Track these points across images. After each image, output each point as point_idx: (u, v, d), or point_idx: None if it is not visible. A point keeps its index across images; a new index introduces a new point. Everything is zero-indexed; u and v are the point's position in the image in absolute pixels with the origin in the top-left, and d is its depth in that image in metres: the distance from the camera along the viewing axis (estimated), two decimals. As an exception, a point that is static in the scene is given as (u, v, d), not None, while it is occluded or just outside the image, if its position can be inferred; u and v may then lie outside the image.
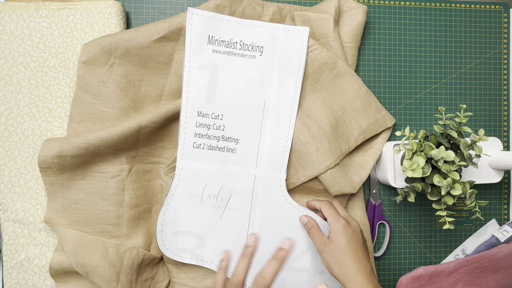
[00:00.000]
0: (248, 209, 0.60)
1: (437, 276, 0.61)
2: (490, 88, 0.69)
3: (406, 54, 0.67)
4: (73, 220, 0.57)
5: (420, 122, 0.68)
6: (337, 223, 0.54)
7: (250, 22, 0.60)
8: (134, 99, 0.59)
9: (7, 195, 0.58)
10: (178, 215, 0.59)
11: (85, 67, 0.58)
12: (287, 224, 0.60)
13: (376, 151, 0.64)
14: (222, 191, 0.60)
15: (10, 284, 0.58)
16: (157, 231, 0.58)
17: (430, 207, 0.68)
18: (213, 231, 0.59)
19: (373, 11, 0.67)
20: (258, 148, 0.60)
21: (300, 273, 0.60)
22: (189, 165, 0.59)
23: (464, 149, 0.55)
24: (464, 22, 0.69)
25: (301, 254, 0.60)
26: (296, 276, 0.60)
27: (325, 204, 0.57)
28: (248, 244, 0.48)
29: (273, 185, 0.60)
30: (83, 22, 0.59)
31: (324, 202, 0.58)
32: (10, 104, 0.59)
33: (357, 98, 0.62)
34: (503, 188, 0.69)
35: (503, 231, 0.64)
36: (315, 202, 0.59)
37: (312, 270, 0.60)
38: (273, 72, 0.60)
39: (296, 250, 0.60)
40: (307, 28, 0.60)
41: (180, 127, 0.59)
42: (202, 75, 0.59)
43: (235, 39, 0.60)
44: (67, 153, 0.54)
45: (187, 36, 0.58)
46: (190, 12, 0.58)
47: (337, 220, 0.54)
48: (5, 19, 0.58)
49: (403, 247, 0.67)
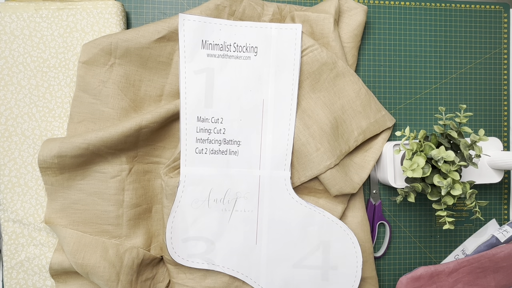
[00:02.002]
0: (255, 210, 0.60)
1: (437, 276, 0.61)
2: (490, 88, 0.69)
3: (406, 54, 0.67)
4: (73, 220, 0.57)
5: (420, 122, 0.68)
6: None
7: (242, 23, 0.60)
8: (134, 99, 0.60)
9: (7, 195, 0.58)
10: (186, 221, 0.59)
11: (85, 67, 0.58)
12: (296, 222, 0.60)
13: (376, 151, 0.64)
14: (228, 194, 0.60)
15: (10, 284, 0.58)
16: (166, 239, 0.58)
17: (430, 207, 0.68)
18: (222, 234, 0.59)
19: (373, 11, 0.67)
20: (260, 149, 0.60)
21: (313, 270, 0.60)
22: (193, 171, 0.59)
23: (464, 149, 0.55)
24: (464, 22, 0.69)
25: (312, 252, 0.60)
26: (308, 274, 0.60)
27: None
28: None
29: (278, 184, 0.60)
30: (83, 22, 0.59)
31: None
32: (10, 104, 0.59)
33: (357, 98, 0.62)
34: (503, 188, 0.69)
35: (503, 231, 0.64)
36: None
37: (325, 267, 0.60)
38: (269, 71, 0.60)
39: (307, 248, 0.60)
40: (300, 25, 0.60)
41: (181, 134, 0.59)
42: (199, 80, 0.59)
43: (229, 42, 0.60)
44: (67, 153, 0.54)
45: (180, 42, 0.58)
46: (182, 18, 0.58)
47: None
48: (5, 19, 0.58)
49: (403, 247, 0.67)
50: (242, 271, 0.59)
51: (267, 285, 0.60)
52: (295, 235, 0.60)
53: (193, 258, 0.59)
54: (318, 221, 0.61)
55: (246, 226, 0.60)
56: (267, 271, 0.60)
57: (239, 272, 0.59)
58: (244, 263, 0.59)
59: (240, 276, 0.59)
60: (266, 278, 0.60)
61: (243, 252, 0.60)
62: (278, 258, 0.60)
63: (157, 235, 0.61)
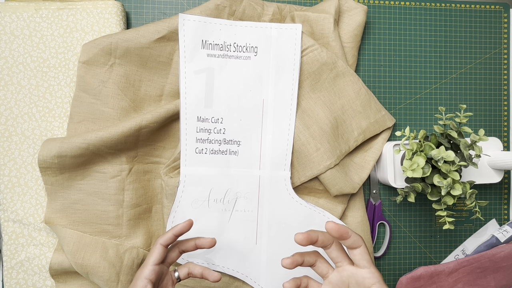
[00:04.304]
0: (255, 210, 0.60)
1: (437, 276, 0.61)
2: (490, 88, 0.69)
3: (406, 54, 0.67)
4: (73, 220, 0.57)
5: (420, 122, 0.68)
6: (379, 275, 0.44)
7: (243, 23, 0.60)
8: (134, 99, 0.60)
9: (7, 195, 0.58)
10: None
11: (85, 67, 0.58)
12: (296, 222, 0.60)
13: (376, 151, 0.64)
14: (228, 194, 0.60)
15: (10, 284, 0.58)
16: None
17: (430, 207, 0.68)
18: (222, 234, 0.59)
19: (373, 11, 0.67)
20: (260, 149, 0.60)
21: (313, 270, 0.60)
22: (193, 171, 0.59)
23: (464, 149, 0.55)
24: (464, 22, 0.69)
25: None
26: (308, 274, 0.60)
27: (364, 247, 0.44)
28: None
29: (278, 184, 0.60)
30: (83, 22, 0.59)
31: (362, 241, 0.44)
32: (10, 104, 0.59)
33: (357, 98, 0.62)
34: (503, 188, 0.69)
35: (503, 231, 0.64)
36: (353, 235, 0.43)
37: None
38: (269, 71, 0.60)
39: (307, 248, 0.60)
40: (300, 25, 0.60)
41: (181, 134, 0.59)
42: (199, 80, 0.59)
43: (229, 42, 0.60)
44: (67, 153, 0.54)
45: (180, 43, 0.58)
46: (182, 18, 0.58)
47: (379, 273, 0.44)
48: (5, 19, 0.58)
49: (403, 247, 0.67)
50: (242, 271, 0.59)
51: (267, 285, 0.60)
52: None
53: (192, 258, 0.59)
54: (318, 221, 0.61)
55: (246, 226, 0.60)
56: (267, 271, 0.60)
57: (239, 272, 0.59)
58: (244, 263, 0.59)
59: (240, 276, 0.59)
60: (266, 278, 0.60)
61: (243, 252, 0.60)
62: (278, 258, 0.60)
63: (157, 235, 0.61)
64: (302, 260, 0.44)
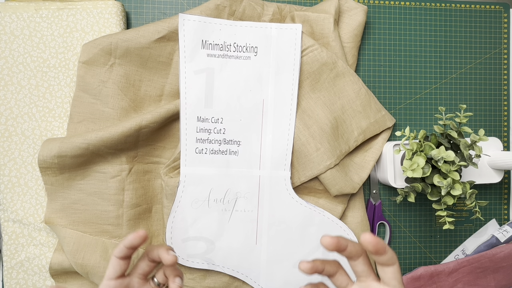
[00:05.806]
0: (255, 210, 0.60)
1: (437, 276, 0.61)
2: (490, 88, 0.69)
3: (406, 54, 0.67)
4: (73, 220, 0.57)
5: (420, 122, 0.68)
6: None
7: (243, 23, 0.60)
8: (134, 99, 0.60)
9: (7, 195, 0.58)
10: (186, 221, 0.59)
11: (85, 67, 0.58)
12: (296, 222, 0.60)
13: (376, 151, 0.64)
14: (228, 194, 0.60)
15: (10, 284, 0.58)
16: (166, 239, 0.58)
17: (430, 207, 0.68)
18: (223, 234, 0.59)
19: (373, 11, 0.67)
20: (260, 149, 0.60)
21: None
22: (193, 171, 0.59)
23: (464, 149, 0.55)
24: (464, 22, 0.69)
25: (312, 252, 0.60)
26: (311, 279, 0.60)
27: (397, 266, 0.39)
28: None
29: (278, 184, 0.60)
30: (83, 22, 0.59)
31: (396, 258, 0.39)
32: (10, 104, 0.59)
33: (357, 98, 0.62)
34: (503, 188, 0.69)
35: (503, 231, 0.64)
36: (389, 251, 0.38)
37: None
38: (269, 71, 0.60)
39: (307, 248, 0.60)
40: (300, 25, 0.60)
41: (181, 134, 0.59)
42: (199, 80, 0.59)
43: (229, 41, 0.60)
44: (67, 153, 0.54)
45: (180, 42, 0.58)
46: (182, 18, 0.58)
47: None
48: (5, 19, 0.58)
49: (403, 247, 0.67)
50: (242, 271, 0.60)
51: (267, 285, 0.60)
52: (295, 235, 0.60)
53: (193, 258, 0.59)
54: (318, 221, 0.61)
55: (246, 226, 0.60)
56: (267, 271, 0.60)
57: (239, 272, 0.59)
58: (244, 263, 0.59)
59: (240, 276, 0.59)
60: (266, 278, 0.60)
61: (243, 252, 0.60)
62: (278, 258, 0.60)
63: (157, 235, 0.61)
64: (323, 268, 0.39)
